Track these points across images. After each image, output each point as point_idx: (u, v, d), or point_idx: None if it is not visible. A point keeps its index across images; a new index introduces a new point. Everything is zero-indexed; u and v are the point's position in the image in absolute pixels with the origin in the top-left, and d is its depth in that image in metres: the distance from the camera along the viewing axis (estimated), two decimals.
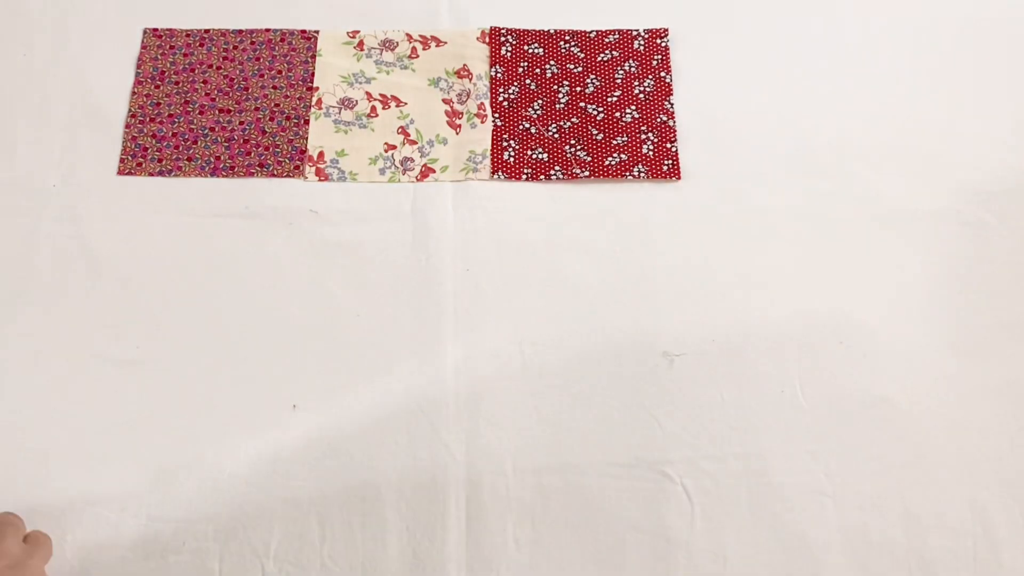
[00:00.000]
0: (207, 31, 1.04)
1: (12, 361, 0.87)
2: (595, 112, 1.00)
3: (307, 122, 0.99)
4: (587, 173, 0.97)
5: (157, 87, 1.01)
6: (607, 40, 1.04)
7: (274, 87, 1.01)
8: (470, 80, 1.02)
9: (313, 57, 1.03)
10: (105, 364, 0.87)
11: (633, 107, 1.00)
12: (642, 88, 1.01)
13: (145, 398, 0.85)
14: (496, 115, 1.00)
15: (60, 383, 0.86)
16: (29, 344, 0.87)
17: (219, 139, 0.98)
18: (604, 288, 0.91)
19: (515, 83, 1.02)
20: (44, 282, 0.90)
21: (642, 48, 1.03)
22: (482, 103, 1.00)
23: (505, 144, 0.98)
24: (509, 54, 1.03)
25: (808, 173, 0.96)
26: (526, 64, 1.03)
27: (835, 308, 0.90)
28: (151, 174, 0.96)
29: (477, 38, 1.04)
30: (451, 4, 1.06)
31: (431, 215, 0.94)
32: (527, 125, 1.00)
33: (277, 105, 1.00)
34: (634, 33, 1.04)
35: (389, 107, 1.00)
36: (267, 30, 1.04)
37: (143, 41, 1.03)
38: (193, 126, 0.99)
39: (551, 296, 0.90)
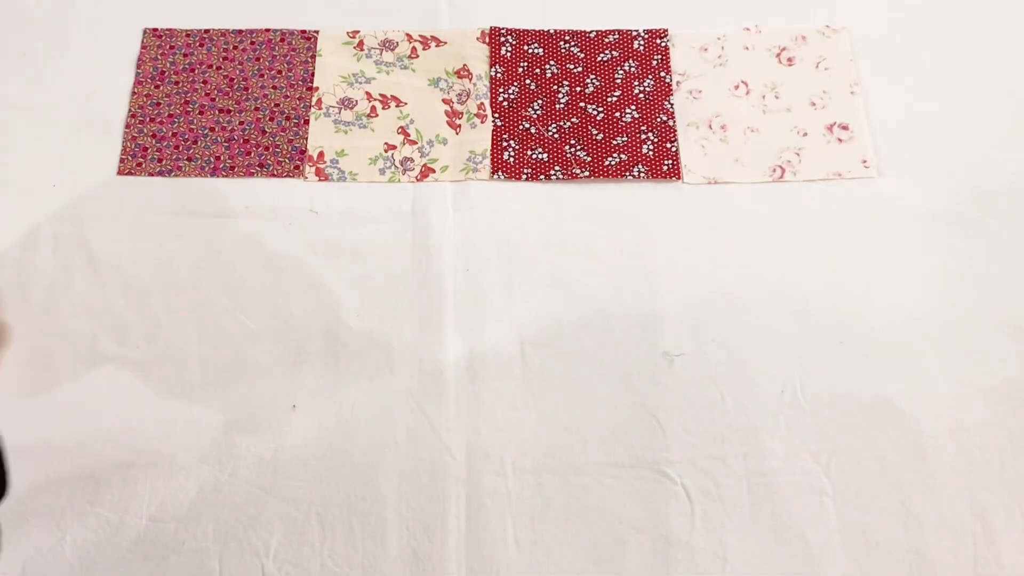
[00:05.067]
0: (207, 31, 1.04)
1: (12, 360, 0.87)
2: (595, 112, 1.00)
3: (307, 122, 0.99)
4: (587, 173, 0.97)
5: (157, 87, 1.01)
6: (607, 40, 1.04)
7: (274, 87, 1.01)
8: (470, 80, 1.02)
9: (313, 57, 1.03)
10: (105, 363, 0.86)
11: (633, 107, 1.00)
12: (642, 88, 1.01)
13: (145, 397, 0.85)
14: (496, 115, 1.00)
15: (60, 382, 0.86)
16: (29, 343, 0.87)
17: (219, 139, 0.98)
18: (604, 288, 0.91)
19: (515, 83, 1.02)
20: (44, 282, 0.90)
21: (642, 48, 1.03)
22: (482, 103, 1.00)
23: (505, 144, 0.98)
24: (509, 54, 1.03)
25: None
26: (526, 64, 1.03)
27: (835, 308, 0.90)
28: (151, 174, 0.96)
29: (477, 38, 1.04)
30: (451, 4, 1.06)
31: (431, 215, 0.94)
32: (527, 125, 1.00)
33: (277, 105, 1.00)
34: (634, 33, 1.04)
35: (389, 107, 1.00)
36: (267, 30, 1.04)
37: (143, 41, 1.03)
38: (193, 126, 0.99)
39: (551, 296, 0.90)
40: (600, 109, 1.00)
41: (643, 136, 0.98)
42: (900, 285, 0.91)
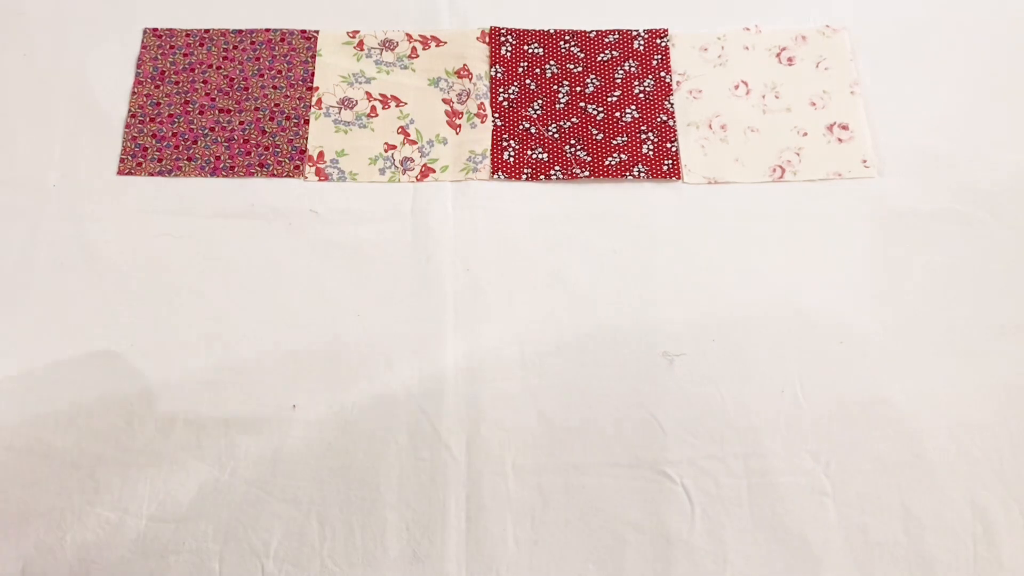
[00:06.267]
0: (207, 31, 1.04)
1: (12, 360, 0.87)
2: (595, 112, 1.00)
3: (307, 122, 0.99)
4: (587, 173, 0.97)
5: (157, 87, 1.01)
6: (607, 40, 1.04)
7: (274, 87, 1.01)
8: (470, 80, 1.02)
9: (313, 57, 1.03)
10: (104, 364, 0.86)
11: (633, 107, 1.00)
12: (642, 88, 1.01)
13: (144, 397, 0.85)
14: (496, 115, 1.00)
15: (59, 382, 0.86)
16: (29, 343, 0.87)
17: (219, 139, 0.98)
18: (604, 288, 0.91)
19: (515, 83, 1.02)
20: (44, 282, 0.90)
21: (642, 48, 1.03)
22: (482, 103, 1.00)
23: (505, 144, 0.98)
24: (509, 54, 1.03)
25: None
26: (526, 64, 1.03)
27: (835, 308, 0.90)
28: (151, 174, 0.96)
29: (477, 38, 1.04)
30: (451, 4, 1.06)
31: (431, 215, 0.94)
32: (527, 125, 1.00)
33: (277, 105, 1.00)
34: (634, 33, 1.04)
35: (389, 107, 1.00)
36: (267, 30, 1.04)
37: (143, 41, 1.03)
38: (193, 126, 0.99)
39: (551, 296, 0.90)
40: (600, 109, 1.00)
41: (643, 136, 0.98)
42: (900, 285, 0.91)
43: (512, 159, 0.98)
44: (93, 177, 0.96)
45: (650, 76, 1.02)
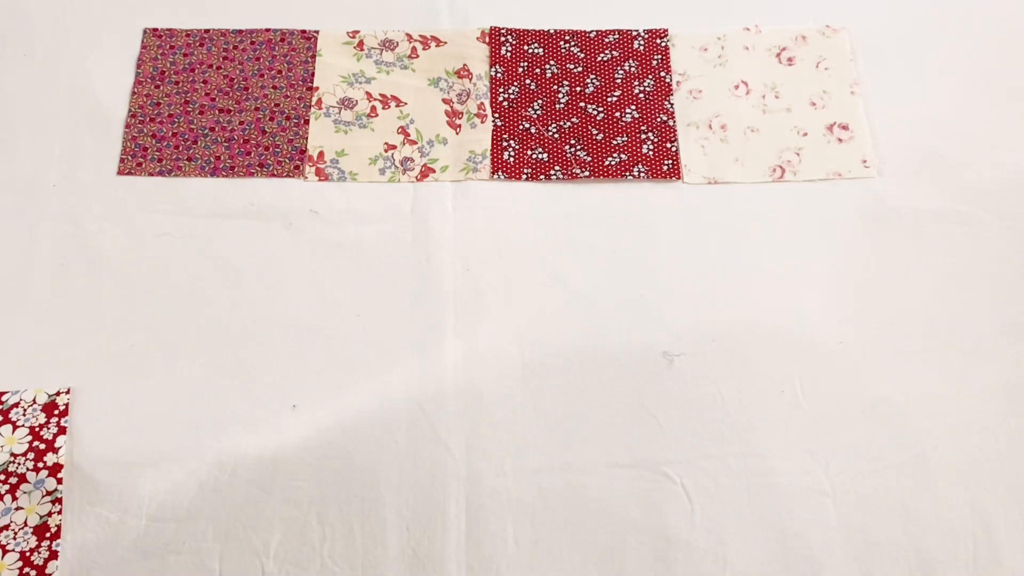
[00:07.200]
0: (207, 31, 1.04)
1: (12, 360, 0.87)
2: (595, 112, 1.00)
3: (307, 122, 0.99)
4: (587, 173, 0.97)
5: (157, 87, 1.01)
6: (607, 40, 1.04)
7: (274, 87, 1.01)
8: (470, 80, 1.02)
9: (313, 57, 1.03)
10: (104, 364, 0.86)
11: (633, 107, 1.00)
12: (642, 88, 1.01)
13: (144, 398, 0.85)
14: (496, 115, 1.00)
15: (59, 382, 0.86)
16: (29, 343, 0.87)
17: (219, 139, 0.98)
18: (604, 288, 0.91)
19: (515, 83, 1.02)
20: (44, 282, 0.90)
21: (642, 48, 1.03)
22: (482, 103, 1.00)
23: (505, 144, 0.98)
24: (509, 54, 1.03)
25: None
26: (526, 64, 1.03)
27: (835, 308, 0.90)
28: (151, 174, 0.96)
29: (477, 38, 1.04)
30: (451, 4, 1.06)
31: (431, 215, 0.94)
32: (527, 125, 1.00)
33: (277, 105, 1.00)
34: (634, 33, 1.04)
35: (389, 107, 1.00)
36: (267, 30, 1.04)
37: (143, 41, 1.03)
38: (193, 126, 0.99)
39: (551, 296, 0.90)
40: (600, 109, 1.00)
41: (643, 136, 0.98)
42: (900, 285, 0.91)
43: (512, 159, 0.98)
44: (93, 177, 0.96)
45: (650, 76, 1.02)
